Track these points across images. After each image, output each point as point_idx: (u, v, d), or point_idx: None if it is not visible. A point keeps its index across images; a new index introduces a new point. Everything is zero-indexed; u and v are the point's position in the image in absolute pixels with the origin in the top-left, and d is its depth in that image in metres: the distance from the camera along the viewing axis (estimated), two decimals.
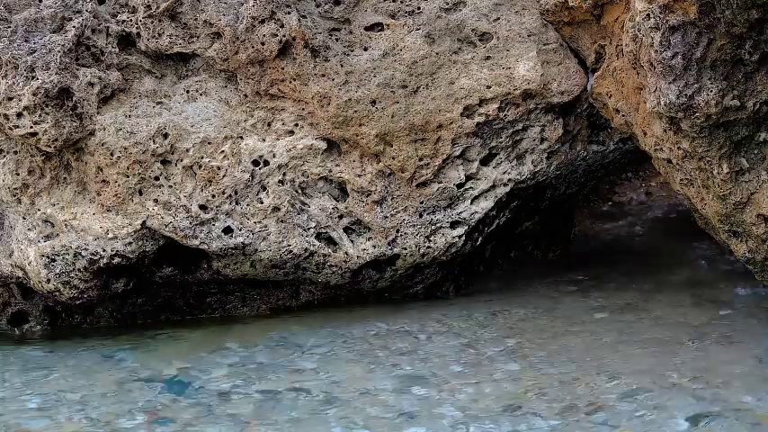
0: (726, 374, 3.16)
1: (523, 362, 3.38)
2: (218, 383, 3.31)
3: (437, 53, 3.73)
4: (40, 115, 3.56)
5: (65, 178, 3.71)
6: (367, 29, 3.75)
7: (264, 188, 3.70)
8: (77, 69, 3.61)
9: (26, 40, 3.59)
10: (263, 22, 3.62)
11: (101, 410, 3.14)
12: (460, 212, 3.81)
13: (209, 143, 3.67)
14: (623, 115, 3.61)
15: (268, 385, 3.29)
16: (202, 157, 3.66)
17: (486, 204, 3.84)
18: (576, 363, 3.33)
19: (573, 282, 4.24)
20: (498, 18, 3.77)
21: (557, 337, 3.59)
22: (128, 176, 3.64)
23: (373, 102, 3.69)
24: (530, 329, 3.69)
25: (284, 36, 3.63)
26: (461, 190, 3.80)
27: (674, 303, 3.90)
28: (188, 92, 3.71)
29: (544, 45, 3.77)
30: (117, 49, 3.68)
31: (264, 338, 3.69)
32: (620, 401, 3.01)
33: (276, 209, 3.70)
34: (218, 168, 3.66)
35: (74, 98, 3.59)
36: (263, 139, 3.71)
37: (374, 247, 3.76)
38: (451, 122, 3.73)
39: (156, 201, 3.65)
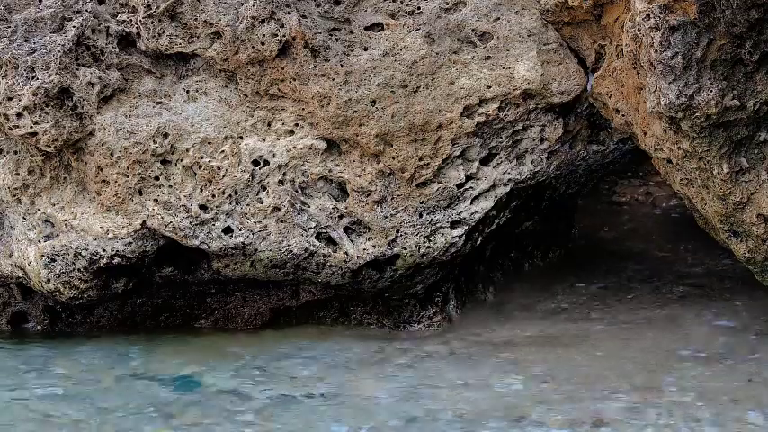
0: (724, 392, 3.16)
1: (524, 377, 3.38)
2: (225, 384, 3.32)
3: (437, 53, 3.73)
4: (40, 115, 3.56)
5: (65, 178, 3.71)
6: (367, 29, 3.74)
7: (264, 188, 3.70)
8: (77, 69, 3.61)
9: (26, 40, 3.59)
10: (263, 22, 3.62)
11: (107, 408, 3.15)
12: (460, 212, 3.81)
13: (209, 143, 3.67)
14: (623, 115, 3.61)
15: (273, 388, 3.30)
16: (202, 157, 3.66)
17: (486, 204, 3.83)
18: (577, 377, 3.33)
19: (572, 291, 4.22)
20: (498, 18, 3.77)
21: (556, 353, 3.58)
22: (128, 176, 3.64)
23: (373, 102, 3.69)
24: (530, 346, 3.68)
25: (284, 36, 3.63)
26: (461, 190, 3.80)
27: (673, 312, 3.90)
28: (188, 92, 3.71)
29: (544, 45, 3.76)
30: (117, 49, 3.68)
31: (267, 346, 3.71)
32: (624, 419, 3.00)
33: (276, 209, 3.70)
34: (218, 168, 3.66)
35: (74, 98, 3.59)
36: (263, 139, 3.71)
37: (374, 247, 3.76)
38: (451, 122, 3.73)
39: (156, 201, 3.65)
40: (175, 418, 3.08)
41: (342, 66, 3.68)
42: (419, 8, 3.76)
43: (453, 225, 3.82)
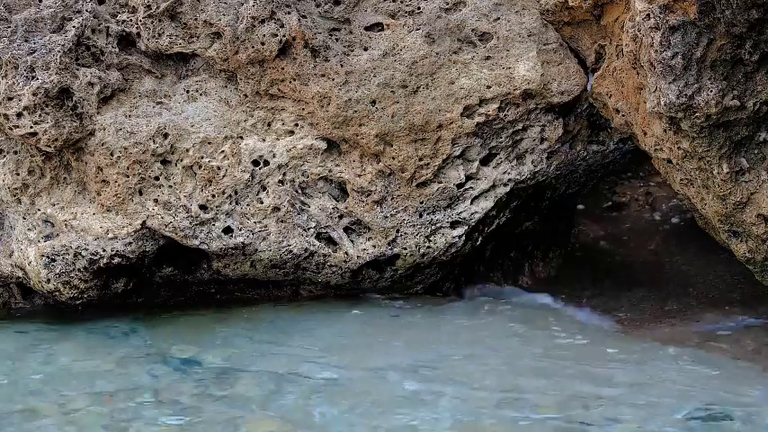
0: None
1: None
2: (223, 363, 3.34)
3: (437, 53, 3.73)
4: (40, 115, 3.56)
5: (65, 178, 3.71)
6: (367, 29, 3.75)
7: (264, 188, 3.70)
8: (77, 69, 3.61)
9: (26, 40, 3.59)
10: (263, 22, 3.62)
11: (107, 387, 3.16)
12: (460, 212, 3.81)
13: (209, 143, 3.67)
14: (623, 115, 3.61)
15: (275, 364, 3.31)
16: (202, 157, 3.67)
17: (486, 204, 3.83)
18: (576, 374, 3.33)
19: (568, 297, 4.22)
20: (498, 18, 3.77)
21: (555, 363, 3.58)
22: (128, 176, 3.64)
23: (373, 102, 3.69)
24: (528, 352, 3.68)
25: (284, 36, 3.63)
26: (461, 190, 3.80)
27: (673, 317, 3.89)
28: (188, 92, 3.72)
29: (544, 45, 3.76)
30: (117, 49, 3.69)
31: (269, 324, 3.71)
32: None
33: (276, 209, 3.70)
34: (218, 168, 3.66)
35: (74, 98, 3.59)
36: (263, 139, 3.71)
37: (374, 246, 3.76)
38: (451, 122, 3.73)
39: (156, 201, 3.66)
40: (177, 399, 3.10)
41: (342, 66, 3.68)
42: (419, 8, 3.76)
43: (453, 225, 3.82)
